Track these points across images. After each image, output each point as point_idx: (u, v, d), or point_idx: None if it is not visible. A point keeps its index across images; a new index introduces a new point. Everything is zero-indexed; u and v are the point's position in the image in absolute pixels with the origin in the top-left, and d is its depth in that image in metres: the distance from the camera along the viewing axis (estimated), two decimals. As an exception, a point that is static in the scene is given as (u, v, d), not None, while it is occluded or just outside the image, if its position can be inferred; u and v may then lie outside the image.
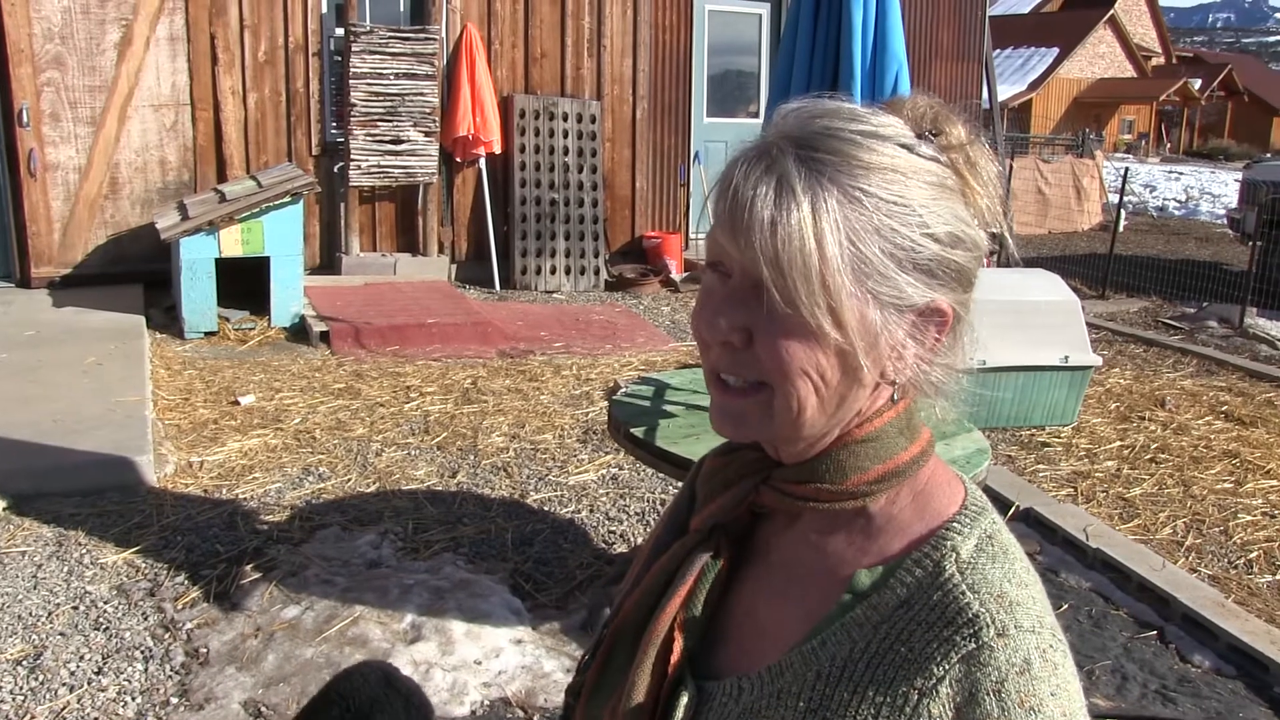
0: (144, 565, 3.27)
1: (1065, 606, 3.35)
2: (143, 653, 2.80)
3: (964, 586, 0.73)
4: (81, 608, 3.01)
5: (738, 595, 0.86)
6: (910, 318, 0.76)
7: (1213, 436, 5.08)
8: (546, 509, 3.88)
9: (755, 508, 0.85)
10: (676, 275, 8.47)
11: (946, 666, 0.70)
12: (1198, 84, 37.64)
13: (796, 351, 0.74)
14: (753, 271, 0.73)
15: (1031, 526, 3.92)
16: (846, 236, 0.72)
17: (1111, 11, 35.53)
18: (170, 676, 2.70)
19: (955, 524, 0.78)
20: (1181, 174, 23.90)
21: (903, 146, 0.75)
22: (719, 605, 0.85)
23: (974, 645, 0.70)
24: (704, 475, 0.90)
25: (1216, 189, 20.15)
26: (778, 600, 0.82)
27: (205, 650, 2.81)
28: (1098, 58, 35.45)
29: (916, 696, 0.71)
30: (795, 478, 0.81)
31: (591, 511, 3.87)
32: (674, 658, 0.82)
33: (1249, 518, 4.09)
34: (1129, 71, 36.67)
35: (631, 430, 2.76)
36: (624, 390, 3.22)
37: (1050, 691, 0.70)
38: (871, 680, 0.73)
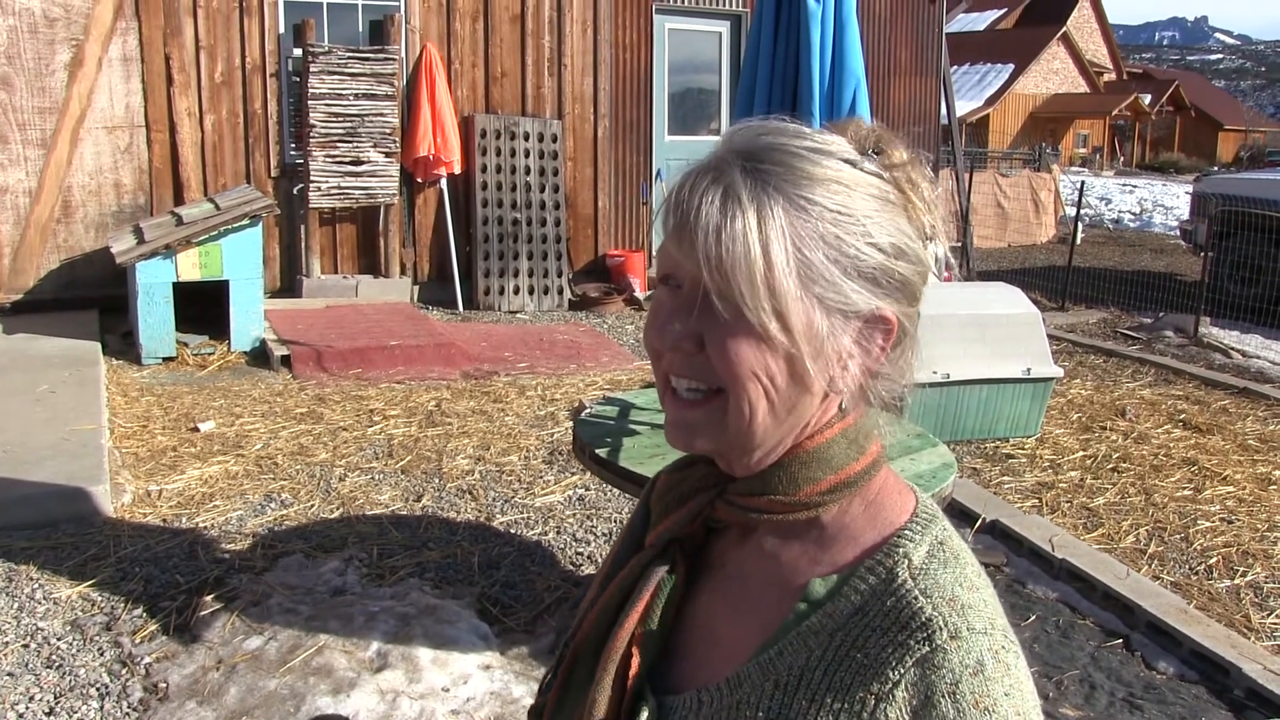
0: (100, 599, 3.19)
1: (1033, 617, 3.37)
2: (98, 690, 2.72)
3: (916, 591, 0.74)
4: (33, 645, 2.92)
5: (695, 609, 0.86)
6: (856, 325, 0.78)
7: (1172, 445, 5.16)
8: (513, 531, 3.84)
9: (710, 522, 0.86)
10: (640, 293, 8.47)
11: (902, 670, 0.71)
12: (1148, 99, 38.52)
13: (746, 354, 0.75)
14: (703, 282, 0.75)
15: (998, 538, 3.95)
16: (792, 243, 0.74)
17: (1064, 28, 36.29)
18: (128, 714, 2.63)
19: (907, 531, 0.79)
20: (1135, 187, 24.39)
21: (846, 162, 0.78)
22: (676, 620, 0.86)
23: (928, 648, 0.71)
24: (658, 492, 0.90)
25: (1169, 201, 20.57)
26: (734, 612, 0.83)
27: (165, 685, 2.74)
28: (1052, 73, 36.15)
29: (874, 701, 0.71)
30: (749, 490, 0.82)
31: (558, 533, 3.84)
32: (632, 673, 0.82)
33: (1208, 524, 4.15)
34: (1082, 87, 37.43)
35: (596, 451, 2.74)
36: (588, 410, 3.20)
37: (1004, 692, 0.71)
38: (829, 687, 0.73)
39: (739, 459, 0.81)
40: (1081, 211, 10.92)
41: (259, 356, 6.18)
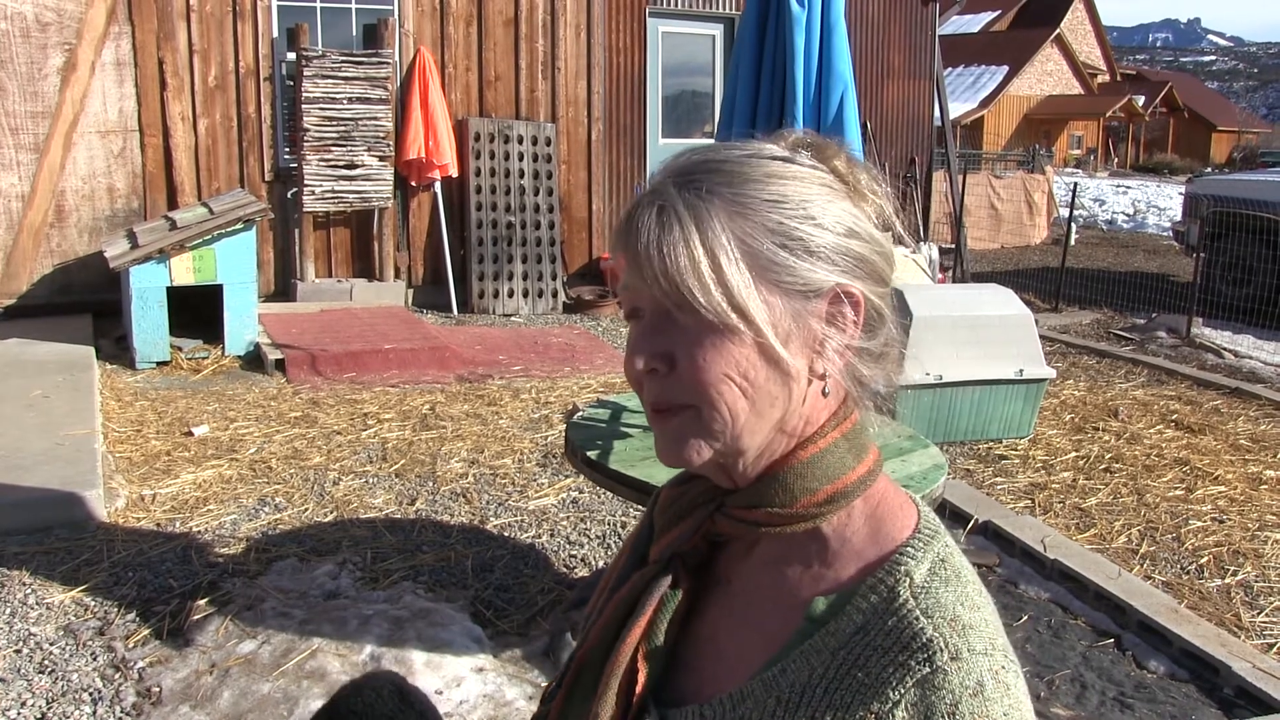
0: (93, 604, 3.19)
1: (1025, 618, 3.38)
2: (91, 695, 2.72)
3: (918, 611, 0.74)
4: (25, 650, 2.92)
5: (699, 623, 0.86)
6: (821, 305, 0.78)
7: (1164, 445, 5.17)
8: (506, 534, 3.85)
9: (713, 536, 0.86)
10: (635, 295, 8.47)
11: (902, 690, 0.71)
12: (1141, 100, 38.63)
13: (714, 358, 0.76)
14: (658, 297, 0.76)
15: (990, 539, 3.96)
16: (734, 237, 0.75)
17: (1058, 30, 36.40)
18: (120, 718, 2.63)
19: (909, 548, 0.79)
20: (1129, 188, 24.45)
21: (779, 159, 0.80)
22: (681, 633, 0.86)
23: (928, 669, 0.71)
24: (660, 506, 0.91)
25: (1162, 202, 20.62)
26: (738, 627, 0.83)
27: (158, 689, 2.74)
28: (1046, 75, 36.25)
29: None
30: (746, 502, 0.82)
31: (552, 536, 3.85)
32: (638, 687, 0.83)
33: (1199, 524, 4.17)
34: (1076, 88, 37.53)
35: (588, 454, 2.75)
36: (581, 414, 3.21)
37: (1003, 712, 0.71)
38: (829, 705, 0.73)
39: (734, 463, 0.81)
40: (1075, 213, 10.95)
41: (253, 361, 6.18)
